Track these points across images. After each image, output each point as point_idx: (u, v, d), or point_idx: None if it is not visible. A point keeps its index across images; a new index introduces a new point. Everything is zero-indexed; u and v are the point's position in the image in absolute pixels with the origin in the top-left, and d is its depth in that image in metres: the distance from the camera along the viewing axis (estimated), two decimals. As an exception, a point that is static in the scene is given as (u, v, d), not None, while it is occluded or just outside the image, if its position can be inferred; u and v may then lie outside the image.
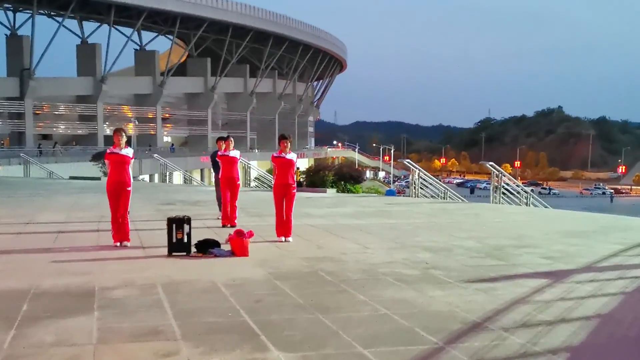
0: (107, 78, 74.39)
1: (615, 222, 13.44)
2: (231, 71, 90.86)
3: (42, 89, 67.98)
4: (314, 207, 16.01)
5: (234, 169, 12.05)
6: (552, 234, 11.19)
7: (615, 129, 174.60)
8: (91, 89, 73.66)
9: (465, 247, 9.58)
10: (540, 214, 15.27)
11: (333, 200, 18.53)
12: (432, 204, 17.60)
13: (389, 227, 12.11)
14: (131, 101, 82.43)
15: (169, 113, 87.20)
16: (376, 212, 14.92)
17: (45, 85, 68.62)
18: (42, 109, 71.35)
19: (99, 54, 76.14)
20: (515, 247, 9.68)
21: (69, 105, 74.31)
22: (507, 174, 18.39)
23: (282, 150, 10.10)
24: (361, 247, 9.54)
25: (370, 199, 19.84)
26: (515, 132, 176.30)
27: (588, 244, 10.03)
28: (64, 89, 72.86)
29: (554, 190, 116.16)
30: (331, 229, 11.61)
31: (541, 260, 8.53)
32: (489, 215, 14.74)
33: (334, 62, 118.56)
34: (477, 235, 10.89)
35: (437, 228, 11.98)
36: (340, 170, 22.71)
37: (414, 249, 9.42)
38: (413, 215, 14.29)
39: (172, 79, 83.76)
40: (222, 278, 7.18)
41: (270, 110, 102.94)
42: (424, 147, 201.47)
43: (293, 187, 10.13)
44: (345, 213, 14.64)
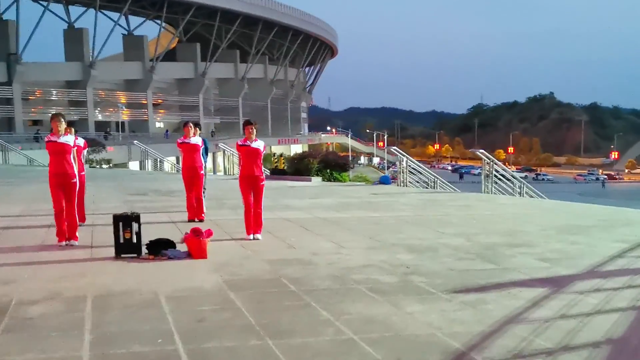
0: (96, 63, 73.13)
1: (615, 215, 12.45)
2: (221, 56, 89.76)
3: (30, 74, 66.78)
4: (295, 198, 15.02)
5: (197, 157, 10.94)
6: (549, 230, 10.20)
7: (607, 115, 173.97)
8: (80, 74, 72.43)
9: (453, 246, 8.59)
10: (534, 206, 14.27)
11: (316, 190, 17.51)
12: (420, 194, 16.59)
13: (370, 221, 11.10)
14: (121, 87, 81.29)
15: (160, 99, 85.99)
16: (360, 204, 13.92)
17: (34, 70, 67.43)
18: (31, 94, 70.11)
19: (86, 38, 74.83)
20: (508, 245, 8.69)
21: (58, 90, 73.03)
22: (499, 161, 17.37)
23: (247, 137, 9.05)
24: (336, 247, 8.53)
25: (356, 188, 18.80)
26: (508, 118, 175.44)
27: (589, 242, 9.05)
28: (52, 74, 71.67)
29: (547, 177, 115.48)
30: (307, 224, 10.59)
31: (537, 262, 7.55)
32: (481, 206, 13.74)
33: (325, 48, 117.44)
34: (466, 232, 9.90)
35: (424, 223, 10.97)
36: (326, 158, 21.65)
37: (395, 248, 8.42)
38: (399, 208, 13.28)
39: (162, 64, 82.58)
40: (168, 288, 6.16)
41: (262, 96, 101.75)
42: (418, 133, 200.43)
43: (261, 179, 9.09)
44: (326, 205, 13.63)
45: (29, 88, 68.92)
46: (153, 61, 79.88)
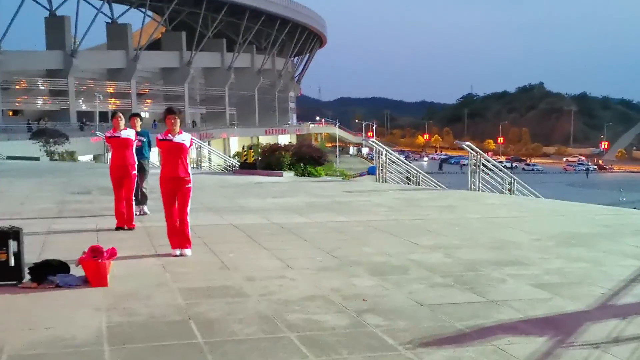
0: (78, 52, 70.99)
1: (619, 219, 10.77)
2: (207, 45, 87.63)
3: (10, 62, 64.47)
4: (256, 197, 13.30)
5: (128, 154, 9.11)
6: (545, 240, 8.52)
7: (596, 105, 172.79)
8: (61, 63, 70.19)
9: (428, 265, 6.90)
10: (527, 207, 12.56)
11: (285, 187, 15.77)
12: (399, 191, 14.86)
13: (335, 228, 9.37)
14: (104, 76, 79.10)
15: (145, 88, 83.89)
16: (328, 205, 12.20)
17: (14, 58, 65.12)
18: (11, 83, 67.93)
19: (68, 26, 72.59)
20: (496, 264, 7.00)
21: (39, 79, 70.86)
22: (489, 151, 15.68)
23: (169, 130, 7.28)
24: (282, 267, 6.82)
25: (330, 184, 17.03)
26: (498, 108, 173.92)
27: (594, 258, 7.37)
28: (33, 62, 69.37)
29: (537, 167, 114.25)
30: (257, 233, 8.86)
31: (533, 290, 5.88)
32: (465, 208, 12.03)
33: (313, 37, 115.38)
34: (446, 243, 8.21)
35: (397, 230, 9.25)
36: (300, 151, 19.85)
37: (354, 269, 6.72)
38: (371, 210, 11.56)
39: (147, 53, 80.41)
40: (21, 339, 4.44)
41: (250, 86, 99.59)
42: (407, 123, 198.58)
43: (187, 181, 7.32)
44: (290, 206, 11.91)
45: (9, 77, 66.68)
46: (137, 50, 77.66)
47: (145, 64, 78.94)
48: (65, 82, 70.47)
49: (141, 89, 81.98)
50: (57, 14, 74.45)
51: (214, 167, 23.57)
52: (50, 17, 74.29)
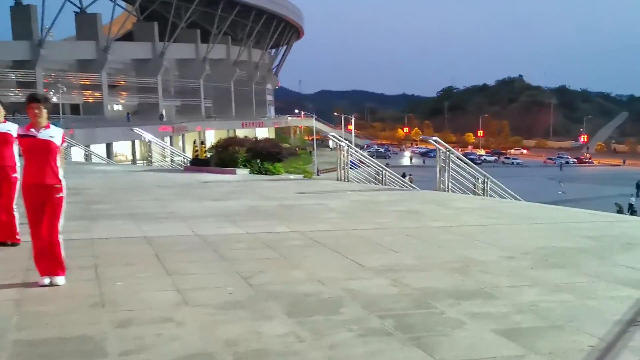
0: (46, 42, 68.67)
1: (608, 229, 9.23)
2: (181, 36, 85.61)
3: (-25, 52, 62.27)
4: (194, 200, 11.69)
5: (7, 153, 7.32)
6: (518, 258, 6.98)
7: (576, 98, 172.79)
8: (28, 53, 67.84)
9: (367, 298, 5.35)
10: (500, 211, 10.99)
11: (233, 187, 14.14)
12: (360, 192, 13.28)
13: (266, 243, 7.74)
14: (74, 67, 76.74)
15: (116, 80, 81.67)
16: (272, 210, 10.59)
17: (-21, 49, 62.89)
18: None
19: (34, 16, 70.24)
20: (455, 295, 5.46)
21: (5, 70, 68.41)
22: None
23: (33, 123, 5.59)
24: (174, 303, 5.22)
25: (285, 184, 15.40)
26: (478, 101, 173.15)
27: (579, 287, 5.83)
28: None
29: (517, 160, 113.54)
30: (169, 250, 7.25)
31: (499, 341, 4.34)
32: (430, 213, 10.47)
33: (290, 29, 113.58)
34: (397, 263, 6.65)
35: (341, 245, 7.65)
36: (256, 146, 18.18)
37: (269, 306, 5.14)
38: (320, 216, 9.95)
39: (118, 44, 78.19)
40: None
41: (225, 78, 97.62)
42: (388, 116, 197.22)
43: (56, 190, 5.61)
44: (229, 211, 10.29)
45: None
46: (108, 41, 75.36)
47: (116, 55, 76.72)
48: (34, 74, 68.14)
49: (113, 81, 79.73)
50: (24, 2, 72.18)
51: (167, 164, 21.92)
52: (16, 6, 72.01)
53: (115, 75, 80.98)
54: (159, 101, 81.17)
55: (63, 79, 71.82)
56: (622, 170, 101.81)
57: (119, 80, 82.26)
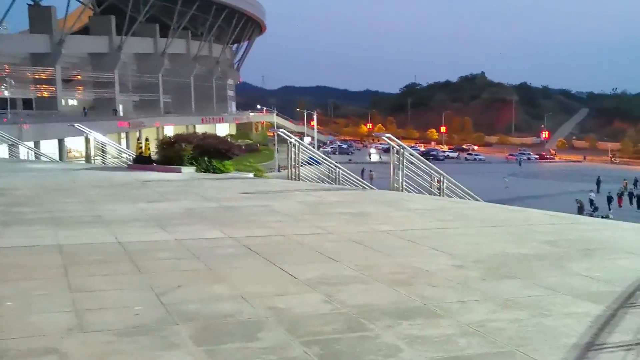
0: (-4, 35, 66.78)
1: (565, 232, 8.66)
2: (140, 30, 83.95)
3: None
4: (128, 202, 10.86)
5: None
6: (469, 267, 6.36)
7: (537, 95, 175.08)
8: (-22, 46, 65.83)
9: (293, 319, 4.69)
10: (454, 213, 10.37)
11: (174, 187, 13.30)
12: (308, 193, 12.57)
13: (193, 251, 6.97)
14: (28, 61, 74.63)
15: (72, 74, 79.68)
16: (210, 213, 9.81)
17: None
18: None
19: (-18, 8, 68.25)
20: (394, 314, 4.81)
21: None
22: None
23: None
24: (67, 327, 4.46)
25: (231, 183, 14.57)
26: (441, 97, 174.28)
27: (534, 302, 5.23)
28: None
29: (479, 156, 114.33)
30: (82, 260, 6.47)
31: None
32: (379, 215, 9.82)
33: (252, 24, 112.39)
34: (335, 274, 5.97)
35: (277, 252, 6.94)
36: (204, 143, 17.34)
37: (177, 331, 4.42)
38: (261, 219, 9.20)
39: (73, 38, 76.25)
40: None
41: (185, 73, 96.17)
42: (351, 112, 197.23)
43: None
44: (161, 214, 9.49)
45: None
46: (62, 34, 73.39)
47: (71, 49, 74.88)
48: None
49: (68, 75, 77.78)
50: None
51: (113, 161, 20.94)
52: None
53: (71, 70, 79.04)
54: (115, 96, 79.39)
55: (16, 72, 69.79)
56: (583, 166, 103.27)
57: (75, 74, 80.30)
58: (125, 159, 20.35)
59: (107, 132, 56.47)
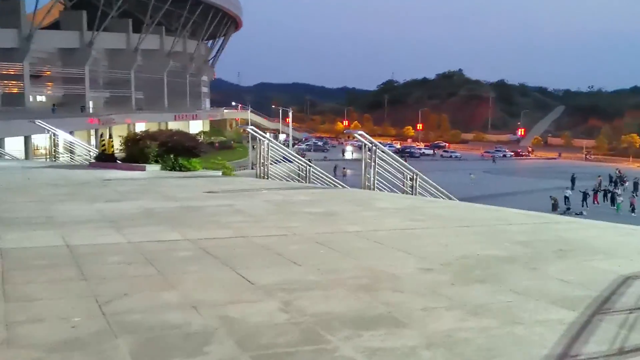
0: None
1: (540, 232, 8.37)
2: (112, 26, 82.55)
3: None
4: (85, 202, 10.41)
5: None
6: (437, 270, 6.03)
7: (514, 92, 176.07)
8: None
9: (246, 329, 4.34)
10: (425, 212, 10.05)
11: (136, 186, 12.84)
12: (276, 191, 12.17)
13: (146, 255, 6.55)
14: (-4, 56, 73.01)
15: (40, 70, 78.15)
16: (170, 213, 9.37)
17: None
18: None
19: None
20: (355, 323, 4.47)
21: None
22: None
23: None
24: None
25: (196, 182, 14.07)
26: (418, 95, 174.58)
27: (505, 308, 4.91)
28: None
29: (455, 153, 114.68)
30: (19, 266, 6.00)
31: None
32: (349, 214, 9.46)
33: (228, 19, 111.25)
34: (295, 279, 5.61)
35: (237, 255, 6.56)
36: (170, 140, 16.81)
37: (116, 345, 4.03)
38: (224, 220, 8.78)
39: (42, 33, 74.64)
40: None
41: (158, 69, 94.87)
42: (328, 109, 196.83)
43: None
44: (118, 215, 9.03)
45: None
46: (31, 29, 71.94)
47: (41, 44, 73.37)
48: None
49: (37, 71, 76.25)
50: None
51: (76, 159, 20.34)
52: None
53: (40, 65, 77.50)
54: (86, 92, 78.06)
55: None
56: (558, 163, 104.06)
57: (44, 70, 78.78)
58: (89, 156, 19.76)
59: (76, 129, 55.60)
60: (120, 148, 17.44)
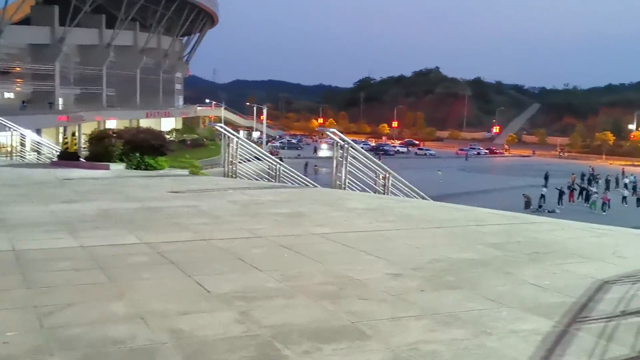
0: None
1: (512, 234, 8.11)
2: (85, 21, 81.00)
3: None
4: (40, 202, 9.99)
5: None
6: (407, 275, 5.72)
7: (490, 90, 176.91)
8: None
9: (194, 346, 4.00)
10: (396, 213, 9.74)
11: (99, 185, 12.38)
12: (243, 191, 11.77)
13: (99, 261, 6.14)
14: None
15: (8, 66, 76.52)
16: (129, 214, 8.93)
17: None
18: None
19: None
20: (316, 338, 4.14)
21: None
22: (355, 144, 12.94)
23: None
24: None
25: (160, 181, 13.58)
26: (395, 92, 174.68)
27: (476, 316, 4.61)
28: None
29: (430, 151, 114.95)
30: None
31: None
32: (317, 216, 9.13)
33: (204, 16, 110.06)
34: (255, 286, 5.26)
35: (195, 261, 6.18)
36: (136, 138, 16.29)
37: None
38: (186, 222, 8.36)
39: (11, 28, 73.02)
40: None
41: (132, 65, 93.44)
42: (303, 106, 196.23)
43: None
44: (73, 216, 8.59)
45: None
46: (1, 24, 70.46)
47: (10, 39, 71.86)
48: None
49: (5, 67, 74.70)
50: None
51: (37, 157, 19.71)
52: None
53: (9, 62, 75.93)
54: (55, 89, 76.65)
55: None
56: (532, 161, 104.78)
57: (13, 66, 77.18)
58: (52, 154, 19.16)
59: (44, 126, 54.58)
60: (84, 146, 16.92)
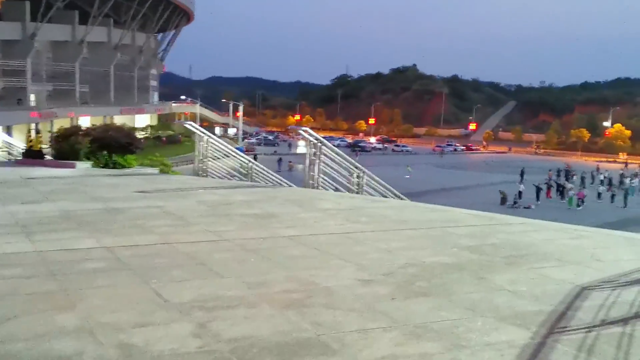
0: None
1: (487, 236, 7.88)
2: (57, 17, 79.70)
3: None
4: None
5: None
6: (377, 281, 5.45)
7: (467, 87, 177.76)
8: None
9: None
10: (369, 213, 9.47)
11: (62, 184, 11.93)
12: (213, 191, 11.43)
13: (52, 267, 5.78)
14: None
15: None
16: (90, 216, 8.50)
17: None
18: None
19: None
20: (277, 354, 3.87)
21: None
22: (332, 141, 12.62)
23: None
24: None
25: (128, 180, 13.18)
26: (371, 89, 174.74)
27: (450, 327, 4.37)
28: None
29: (407, 148, 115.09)
30: None
31: None
32: (287, 216, 8.81)
33: (179, 12, 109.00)
34: (216, 295, 4.97)
35: (154, 266, 5.86)
36: (104, 136, 15.82)
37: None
38: (150, 224, 8.00)
39: (-20, 24, 71.81)
40: None
41: (105, 62, 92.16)
42: (280, 103, 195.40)
43: None
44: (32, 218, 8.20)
45: None
46: (-33, 20, 69.13)
47: (-21, 35, 70.60)
48: None
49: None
50: None
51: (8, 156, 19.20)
52: None
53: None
54: (27, 85, 75.31)
55: None
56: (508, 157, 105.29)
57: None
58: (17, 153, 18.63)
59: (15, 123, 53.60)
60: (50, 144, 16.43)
